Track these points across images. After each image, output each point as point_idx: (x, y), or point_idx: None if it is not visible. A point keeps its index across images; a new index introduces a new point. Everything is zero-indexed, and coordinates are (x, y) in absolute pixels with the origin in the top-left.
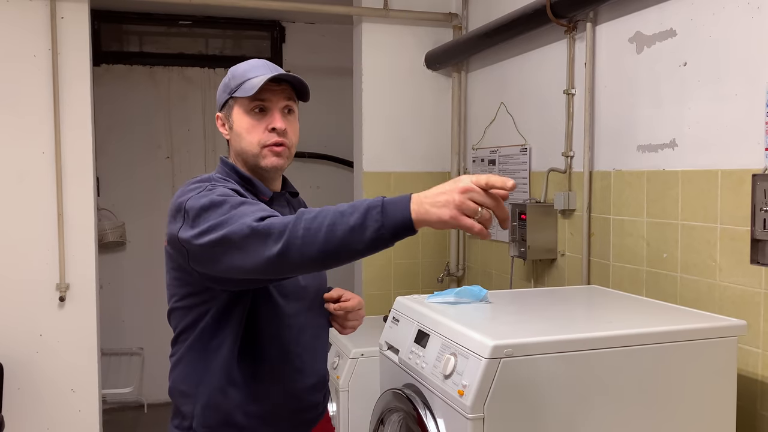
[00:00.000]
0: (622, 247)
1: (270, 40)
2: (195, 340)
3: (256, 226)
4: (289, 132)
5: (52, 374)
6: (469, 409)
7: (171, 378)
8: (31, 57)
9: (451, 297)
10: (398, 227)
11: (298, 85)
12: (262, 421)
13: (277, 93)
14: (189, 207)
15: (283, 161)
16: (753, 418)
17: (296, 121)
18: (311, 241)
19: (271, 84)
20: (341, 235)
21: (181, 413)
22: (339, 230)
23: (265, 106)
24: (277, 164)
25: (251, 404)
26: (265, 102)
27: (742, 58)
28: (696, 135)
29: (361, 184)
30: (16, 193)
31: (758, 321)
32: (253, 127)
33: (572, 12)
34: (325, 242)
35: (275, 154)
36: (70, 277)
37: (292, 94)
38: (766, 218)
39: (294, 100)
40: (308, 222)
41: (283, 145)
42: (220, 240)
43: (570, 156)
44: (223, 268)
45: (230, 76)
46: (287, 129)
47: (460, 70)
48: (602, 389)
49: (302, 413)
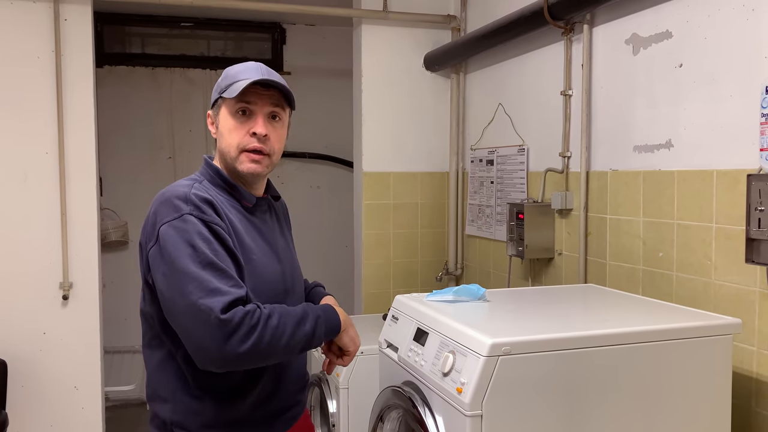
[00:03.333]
0: (618, 247)
1: (271, 42)
2: (166, 348)
3: (223, 319)
4: (271, 138)
5: (55, 372)
6: (468, 406)
7: (148, 385)
8: (35, 59)
9: (450, 295)
10: (332, 334)
11: (284, 92)
12: (242, 423)
13: (264, 98)
14: (161, 238)
15: (261, 168)
16: (748, 415)
17: (283, 128)
18: (276, 344)
19: (260, 88)
20: (299, 341)
21: (160, 417)
22: (298, 336)
23: (250, 110)
24: (253, 170)
25: (229, 409)
26: (251, 105)
27: (737, 60)
28: (691, 135)
29: (361, 184)
30: (20, 193)
31: (753, 319)
32: (235, 128)
33: (569, 14)
34: (285, 347)
35: (252, 161)
36: (73, 275)
37: (280, 101)
38: (760, 218)
39: (282, 107)
40: (273, 329)
41: (261, 153)
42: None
43: (567, 156)
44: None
45: (223, 76)
46: (270, 135)
47: (458, 71)
48: (599, 387)
49: (283, 412)
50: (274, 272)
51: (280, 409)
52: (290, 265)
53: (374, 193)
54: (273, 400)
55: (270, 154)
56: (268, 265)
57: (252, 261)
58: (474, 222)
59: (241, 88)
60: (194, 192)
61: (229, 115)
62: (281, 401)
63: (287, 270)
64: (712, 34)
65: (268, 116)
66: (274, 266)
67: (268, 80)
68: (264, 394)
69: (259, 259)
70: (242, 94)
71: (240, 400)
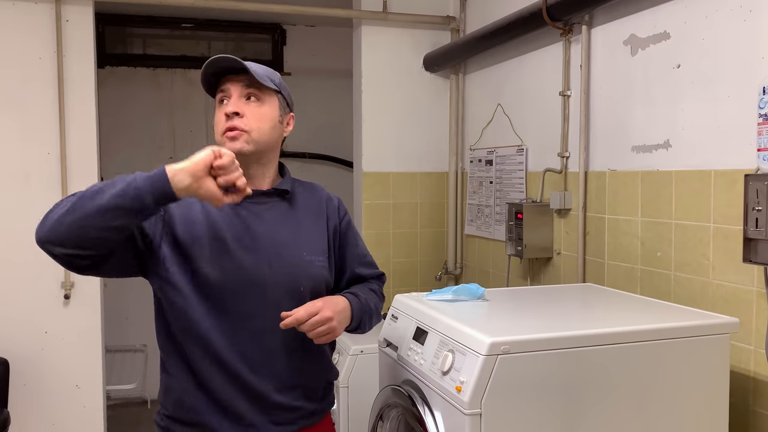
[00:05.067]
0: (616, 246)
1: (271, 43)
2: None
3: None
4: (247, 115)
5: (57, 371)
6: (467, 404)
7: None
8: (37, 59)
9: (449, 295)
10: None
11: (254, 72)
12: (229, 419)
13: (236, 82)
14: None
15: (240, 145)
16: (745, 413)
17: (262, 107)
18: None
19: (232, 76)
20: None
21: (161, 405)
22: (107, 195)
23: (228, 96)
24: (233, 148)
25: (215, 404)
26: (226, 93)
27: (735, 61)
28: (689, 136)
29: (360, 184)
30: (22, 193)
31: (750, 318)
32: (218, 119)
33: (568, 15)
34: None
35: (229, 139)
36: (74, 275)
37: (254, 82)
38: (758, 217)
39: (258, 88)
40: (78, 196)
41: (236, 129)
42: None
43: (566, 156)
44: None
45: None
46: (244, 113)
47: (457, 72)
48: (597, 385)
49: (269, 414)
50: (241, 263)
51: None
52: (280, 259)
53: (374, 193)
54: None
55: (248, 131)
56: (235, 254)
57: (205, 246)
58: (473, 222)
59: (204, 80)
60: None
61: (215, 108)
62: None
63: (271, 263)
64: (710, 35)
65: (243, 98)
66: (243, 256)
67: (220, 57)
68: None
69: (219, 246)
70: (217, 84)
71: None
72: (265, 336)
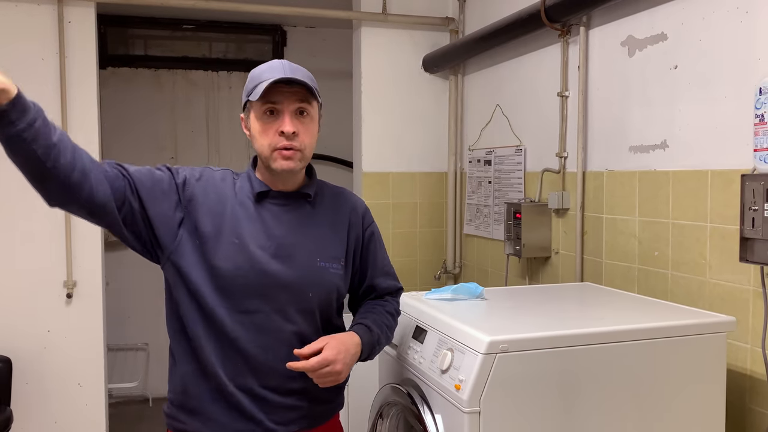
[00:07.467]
0: (614, 246)
1: (272, 44)
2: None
3: None
4: (301, 134)
5: (59, 369)
6: (466, 403)
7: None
8: (39, 60)
9: (448, 294)
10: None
11: (309, 87)
12: (231, 411)
13: (289, 95)
14: None
15: (294, 164)
16: (742, 411)
17: (312, 122)
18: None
19: (284, 86)
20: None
21: (169, 392)
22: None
23: (276, 109)
24: (287, 167)
25: (218, 394)
26: (276, 105)
27: (731, 61)
28: (686, 136)
29: (360, 184)
30: (23, 192)
31: (747, 317)
32: (264, 130)
33: (566, 16)
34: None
35: (284, 158)
36: (77, 274)
37: (306, 96)
38: (754, 217)
39: (308, 102)
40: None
41: (292, 149)
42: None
43: (564, 157)
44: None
45: (249, 79)
46: (299, 131)
47: (456, 72)
48: (595, 383)
49: (270, 413)
50: (253, 260)
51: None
52: (291, 261)
53: (373, 192)
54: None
55: (301, 150)
56: (249, 250)
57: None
58: (472, 221)
59: (263, 89)
60: (194, 167)
61: (258, 116)
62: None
63: (283, 265)
64: (707, 36)
65: (295, 113)
66: (257, 254)
67: (290, 78)
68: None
69: (230, 240)
70: (267, 94)
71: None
72: (270, 336)
